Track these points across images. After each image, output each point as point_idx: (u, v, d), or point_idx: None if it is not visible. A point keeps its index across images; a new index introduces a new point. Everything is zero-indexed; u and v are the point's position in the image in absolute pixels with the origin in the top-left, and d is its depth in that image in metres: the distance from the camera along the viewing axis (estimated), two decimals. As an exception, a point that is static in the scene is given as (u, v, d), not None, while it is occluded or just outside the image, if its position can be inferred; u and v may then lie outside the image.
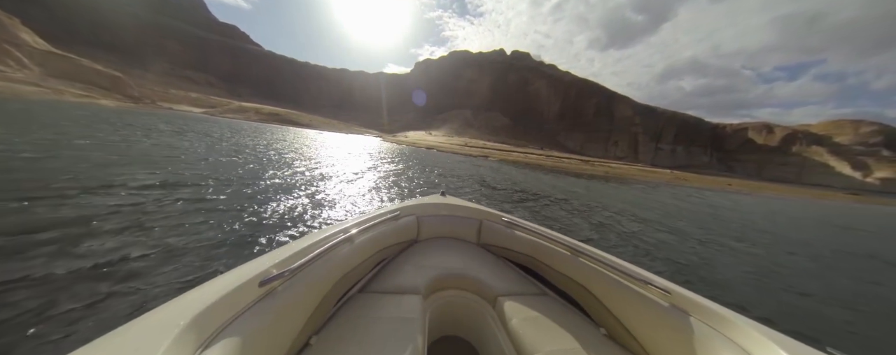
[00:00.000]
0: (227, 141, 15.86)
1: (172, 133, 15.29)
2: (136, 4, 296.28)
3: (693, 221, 8.42)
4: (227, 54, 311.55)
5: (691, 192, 23.06)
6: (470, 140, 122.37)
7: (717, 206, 14.27)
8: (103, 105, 56.10)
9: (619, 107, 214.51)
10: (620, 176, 39.77)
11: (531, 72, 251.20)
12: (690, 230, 7.04)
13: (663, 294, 1.05)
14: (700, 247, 5.46)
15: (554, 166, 42.13)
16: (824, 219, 14.02)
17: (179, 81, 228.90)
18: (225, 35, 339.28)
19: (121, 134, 11.64)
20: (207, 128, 23.40)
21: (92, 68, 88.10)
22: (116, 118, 21.79)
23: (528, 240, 1.80)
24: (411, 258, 1.76)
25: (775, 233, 8.33)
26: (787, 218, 12.84)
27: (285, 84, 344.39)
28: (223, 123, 46.32)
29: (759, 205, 18.11)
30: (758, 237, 7.33)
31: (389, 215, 1.78)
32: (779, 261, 5.16)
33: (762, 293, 3.56)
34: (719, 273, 4.06)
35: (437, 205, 2.25)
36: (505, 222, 2.00)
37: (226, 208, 4.05)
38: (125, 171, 5.29)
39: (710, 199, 17.79)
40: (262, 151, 13.14)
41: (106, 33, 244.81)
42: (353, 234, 1.37)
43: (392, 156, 21.84)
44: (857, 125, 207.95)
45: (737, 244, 6.10)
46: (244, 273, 0.84)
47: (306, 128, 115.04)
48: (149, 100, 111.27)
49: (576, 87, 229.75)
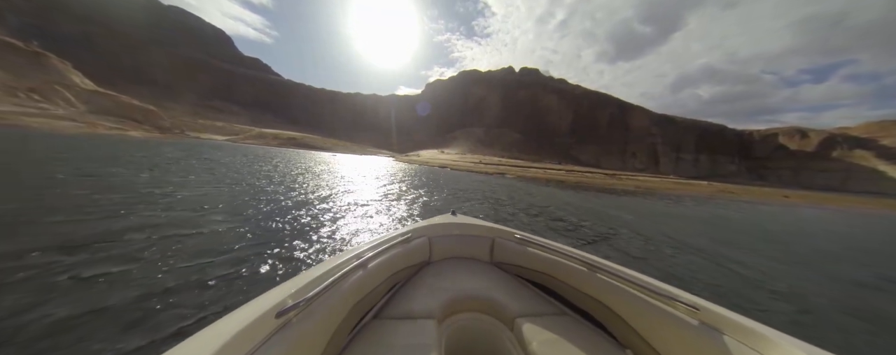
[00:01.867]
0: (224, 167, 14.58)
1: (171, 161, 14.28)
2: (173, 44, 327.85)
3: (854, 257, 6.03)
4: (251, 84, 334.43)
5: (752, 208, 19.78)
6: (484, 157, 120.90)
7: (835, 230, 11.27)
8: (132, 136, 59.35)
9: (633, 117, 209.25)
10: (653, 189, 36.36)
11: (541, 87, 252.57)
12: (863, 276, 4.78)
13: (691, 310, 1.00)
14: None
15: (578, 181, 39.32)
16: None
17: (207, 111, 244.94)
18: (249, 67, 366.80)
19: (119, 165, 10.58)
20: (215, 156, 22.61)
21: (129, 103, 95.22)
22: (135, 149, 21.53)
23: (543, 257, 1.76)
24: (424, 280, 1.74)
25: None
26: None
27: (303, 109, 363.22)
28: (241, 150, 46.96)
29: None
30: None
31: (401, 238, 1.76)
32: None
33: None
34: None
35: (448, 224, 2.20)
36: (517, 239, 1.95)
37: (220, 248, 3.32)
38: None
39: (791, 216, 14.74)
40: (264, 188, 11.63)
41: (145, 71, 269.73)
42: (365, 259, 1.35)
43: (404, 175, 20.23)
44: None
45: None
46: (261, 305, 0.84)
47: (322, 151, 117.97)
48: (178, 130, 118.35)
49: (587, 100, 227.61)
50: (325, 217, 5.65)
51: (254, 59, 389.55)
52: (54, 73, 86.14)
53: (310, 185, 10.42)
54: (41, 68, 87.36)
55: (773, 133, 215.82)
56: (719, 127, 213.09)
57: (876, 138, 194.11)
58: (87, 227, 3.69)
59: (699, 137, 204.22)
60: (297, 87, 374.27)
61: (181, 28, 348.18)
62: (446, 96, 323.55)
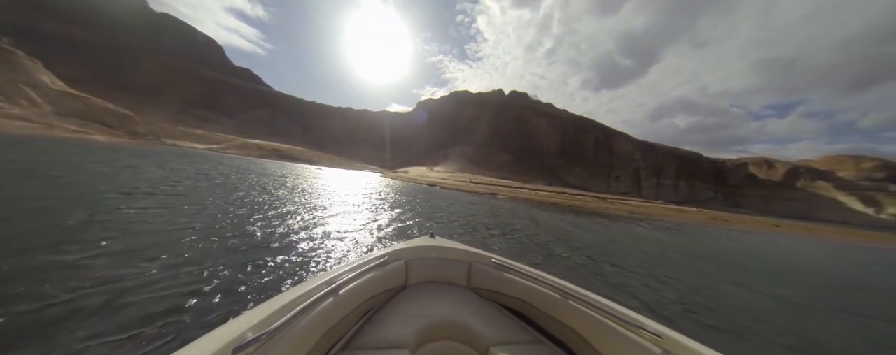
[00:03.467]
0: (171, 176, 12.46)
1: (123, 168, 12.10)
2: (162, 51, 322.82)
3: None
4: (239, 95, 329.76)
5: (761, 240, 19.14)
6: (474, 176, 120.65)
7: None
8: (95, 140, 55.25)
9: (617, 142, 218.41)
10: (649, 215, 36.14)
11: (529, 110, 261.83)
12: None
13: (655, 338, 1.00)
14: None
15: (571, 205, 38.64)
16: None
17: (191, 119, 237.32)
18: (239, 77, 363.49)
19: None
20: (177, 165, 20.25)
21: (102, 107, 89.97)
22: (85, 154, 18.93)
23: (518, 283, 1.74)
24: (399, 306, 1.69)
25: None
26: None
27: (292, 122, 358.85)
28: (216, 159, 44.06)
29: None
30: None
31: (377, 261, 1.71)
32: None
33: None
34: None
35: (425, 247, 2.16)
36: (494, 264, 1.93)
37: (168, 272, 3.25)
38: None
39: (804, 249, 13.98)
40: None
41: (129, 75, 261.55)
42: (337, 285, 1.29)
43: (386, 193, 18.49)
44: (857, 160, 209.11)
45: None
46: (216, 339, 0.74)
47: (307, 164, 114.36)
48: (154, 136, 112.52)
49: (574, 124, 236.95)
50: (288, 239, 4.90)
51: (245, 69, 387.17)
52: (21, 72, 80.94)
53: (269, 198, 8.75)
54: (7, 65, 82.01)
55: (744, 162, 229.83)
56: (696, 155, 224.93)
57: (834, 170, 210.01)
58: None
59: (678, 164, 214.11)
60: (287, 99, 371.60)
61: (171, 35, 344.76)
62: (438, 114, 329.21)
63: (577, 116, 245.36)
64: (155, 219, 5.29)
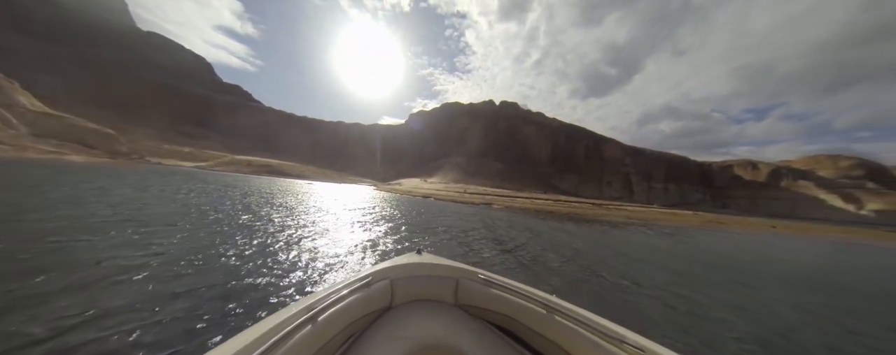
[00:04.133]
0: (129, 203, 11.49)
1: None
2: (148, 69, 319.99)
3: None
4: (228, 111, 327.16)
5: (756, 240, 18.79)
6: (469, 187, 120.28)
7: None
8: (71, 161, 52.88)
9: (607, 148, 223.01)
10: (644, 220, 35.98)
11: (520, 119, 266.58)
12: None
13: (637, 352, 1.00)
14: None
15: (568, 212, 38.26)
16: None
17: (178, 137, 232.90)
18: (228, 94, 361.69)
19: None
20: (158, 183, 19.00)
21: (82, 126, 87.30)
22: (55, 175, 17.62)
23: (505, 299, 1.72)
24: (384, 328, 1.64)
25: None
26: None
27: (283, 137, 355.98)
28: (202, 176, 42.43)
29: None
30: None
31: (360, 282, 1.67)
32: None
33: None
34: None
35: (411, 265, 2.08)
36: (481, 280, 1.91)
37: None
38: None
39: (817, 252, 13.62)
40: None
41: (114, 94, 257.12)
42: (316, 311, 1.24)
43: (380, 207, 17.61)
44: (835, 160, 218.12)
45: None
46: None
47: (298, 179, 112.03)
48: (137, 155, 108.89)
49: (564, 132, 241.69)
50: (268, 260, 4.61)
51: (234, 85, 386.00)
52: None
53: (259, 215, 7.86)
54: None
55: (729, 164, 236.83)
56: (683, 158, 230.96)
57: (814, 170, 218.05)
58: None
59: (667, 168, 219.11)
60: (277, 115, 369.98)
61: (159, 53, 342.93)
62: (429, 126, 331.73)
63: (567, 124, 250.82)
64: (92, 250, 4.42)
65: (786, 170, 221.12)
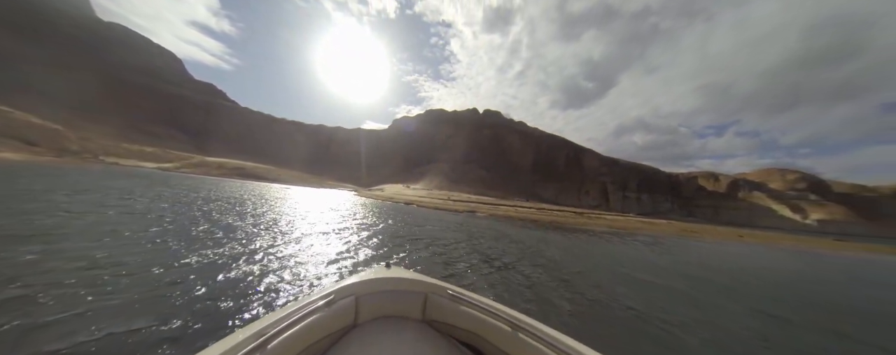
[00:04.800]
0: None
1: None
2: (109, 62, 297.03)
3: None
4: (200, 110, 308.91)
5: (732, 249, 19.34)
6: (452, 194, 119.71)
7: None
8: (5, 159, 46.91)
9: (586, 159, 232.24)
10: (624, 229, 36.97)
11: (503, 128, 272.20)
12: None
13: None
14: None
15: (552, 221, 38.56)
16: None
17: (140, 136, 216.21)
18: (199, 92, 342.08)
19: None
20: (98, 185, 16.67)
21: (24, 121, 78.88)
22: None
23: (473, 315, 1.68)
24: (348, 349, 1.55)
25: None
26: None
27: (260, 139, 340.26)
28: (163, 178, 38.42)
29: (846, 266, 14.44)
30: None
31: (321, 301, 1.55)
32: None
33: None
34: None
35: (378, 280, 2.00)
36: (450, 295, 1.84)
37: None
38: None
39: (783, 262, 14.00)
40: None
41: (69, 89, 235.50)
42: (267, 337, 1.14)
43: (359, 215, 16.47)
44: (783, 173, 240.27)
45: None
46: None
47: (273, 183, 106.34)
48: (89, 154, 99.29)
49: (545, 142, 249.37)
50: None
51: (207, 84, 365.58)
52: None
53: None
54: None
55: (694, 176, 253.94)
56: (654, 170, 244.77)
57: (766, 182, 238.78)
58: None
59: (640, 178, 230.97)
60: (254, 116, 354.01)
61: (120, 46, 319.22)
62: (413, 132, 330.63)
63: (549, 134, 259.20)
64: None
65: (743, 181, 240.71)
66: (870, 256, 26.78)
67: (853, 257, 24.49)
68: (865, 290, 10.21)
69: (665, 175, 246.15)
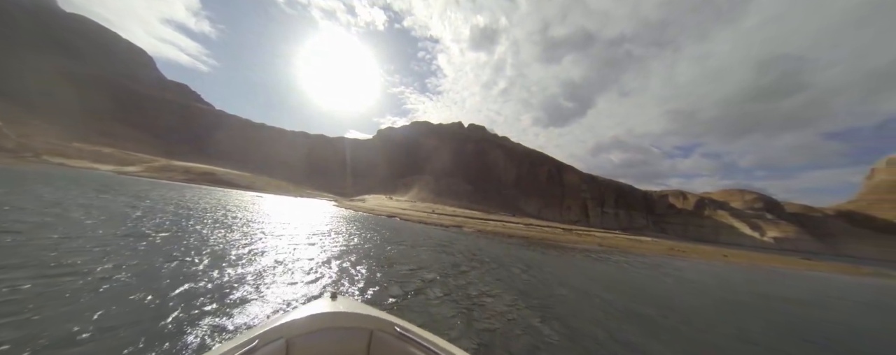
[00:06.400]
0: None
1: None
2: (66, 56, 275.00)
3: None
4: (170, 111, 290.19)
5: (728, 271, 18.98)
6: (437, 206, 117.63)
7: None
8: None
9: (567, 175, 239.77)
10: (616, 247, 36.74)
11: (487, 143, 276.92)
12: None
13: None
14: None
15: (542, 238, 37.77)
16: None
17: (97, 136, 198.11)
18: (171, 92, 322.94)
19: None
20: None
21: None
22: None
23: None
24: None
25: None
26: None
27: (236, 144, 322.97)
28: (116, 183, 33.58)
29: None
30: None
31: (241, 349, 1.28)
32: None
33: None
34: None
35: (315, 317, 1.71)
36: (397, 333, 1.67)
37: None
38: None
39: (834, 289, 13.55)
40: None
41: (14, 82, 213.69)
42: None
43: (324, 232, 14.55)
44: (742, 193, 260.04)
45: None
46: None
47: (246, 190, 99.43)
48: (31, 153, 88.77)
49: (528, 157, 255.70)
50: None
51: (180, 84, 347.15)
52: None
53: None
54: None
55: (665, 194, 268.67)
56: (630, 187, 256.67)
57: (728, 201, 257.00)
58: None
59: (617, 195, 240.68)
60: (230, 119, 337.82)
61: (80, 38, 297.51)
62: (398, 143, 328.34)
63: (531, 150, 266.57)
64: None
65: (708, 200, 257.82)
66: (845, 278, 27.98)
67: (848, 279, 25.22)
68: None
69: (641, 192, 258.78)
